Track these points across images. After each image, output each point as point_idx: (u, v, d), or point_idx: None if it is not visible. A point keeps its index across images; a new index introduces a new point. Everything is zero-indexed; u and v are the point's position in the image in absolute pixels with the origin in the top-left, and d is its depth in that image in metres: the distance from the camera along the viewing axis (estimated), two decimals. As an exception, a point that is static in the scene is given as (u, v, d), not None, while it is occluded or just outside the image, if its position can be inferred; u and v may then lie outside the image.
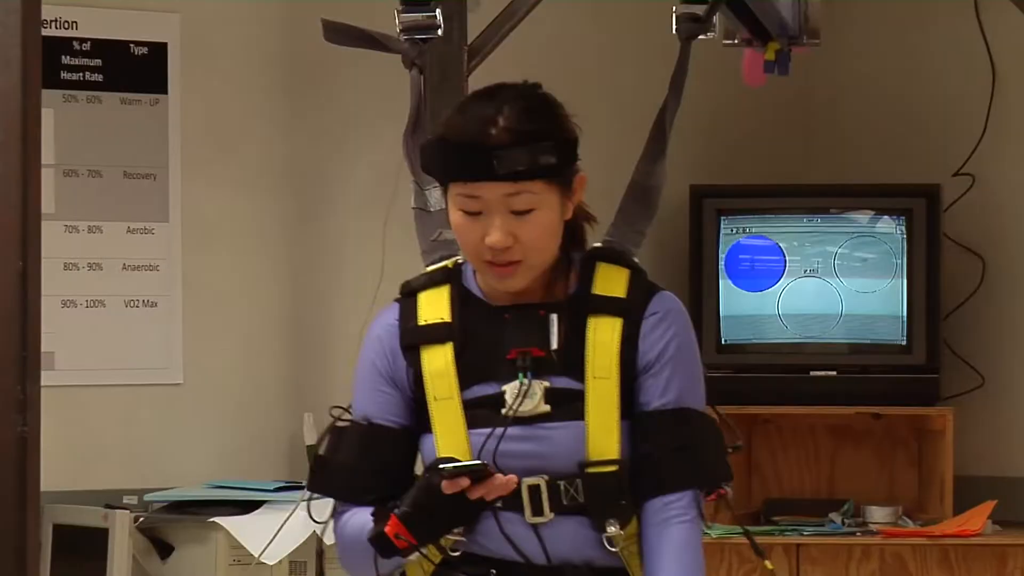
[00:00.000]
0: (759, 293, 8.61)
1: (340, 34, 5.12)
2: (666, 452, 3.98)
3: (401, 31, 4.89)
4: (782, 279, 8.62)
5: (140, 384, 7.78)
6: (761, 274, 8.62)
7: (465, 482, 3.82)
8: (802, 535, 8.37)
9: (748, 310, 8.58)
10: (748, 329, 8.58)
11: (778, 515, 8.52)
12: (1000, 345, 8.75)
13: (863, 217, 8.60)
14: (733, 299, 8.58)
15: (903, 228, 8.54)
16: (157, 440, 7.74)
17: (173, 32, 7.98)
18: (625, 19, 8.59)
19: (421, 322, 4.09)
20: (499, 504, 3.88)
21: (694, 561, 4.03)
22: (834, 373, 8.56)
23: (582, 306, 3.93)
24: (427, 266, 4.30)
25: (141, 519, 7.19)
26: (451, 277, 4.12)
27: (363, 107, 8.00)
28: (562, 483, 3.88)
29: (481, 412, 3.91)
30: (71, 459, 6.86)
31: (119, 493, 7.32)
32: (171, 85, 8.00)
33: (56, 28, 7.58)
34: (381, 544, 3.93)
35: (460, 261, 4.16)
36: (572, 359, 3.89)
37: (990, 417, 8.72)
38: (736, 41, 7.27)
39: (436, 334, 4.06)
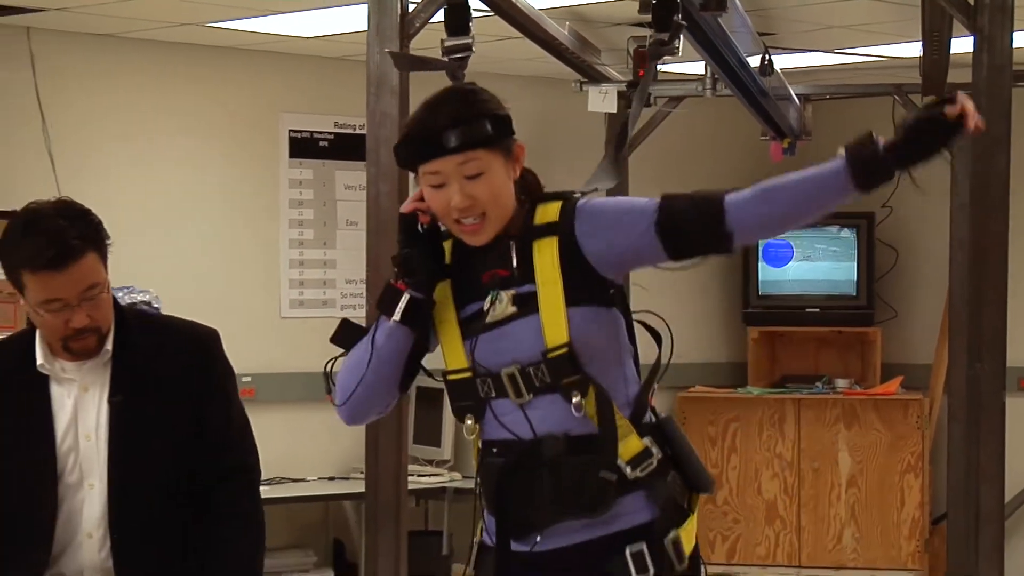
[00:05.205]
0: (780, 268, 8.54)
1: (406, 62, 4.13)
2: (693, 214, 2.88)
3: (444, 52, 4.00)
4: (792, 261, 8.54)
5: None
6: (781, 258, 8.55)
7: (415, 204, 2.92)
8: (801, 393, 8.29)
9: (774, 277, 8.51)
10: (774, 287, 8.51)
11: (789, 383, 8.45)
12: (904, 295, 8.65)
13: (834, 228, 8.49)
14: (766, 272, 8.51)
15: (855, 234, 8.45)
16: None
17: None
18: (711, 121, 8.56)
19: None
20: (493, 394, 2.91)
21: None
22: (818, 309, 8.47)
23: (528, 236, 2.89)
24: None
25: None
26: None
27: (557, 166, 8.01)
28: (531, 369, 2.85)
29: (473, 324, 2.90)
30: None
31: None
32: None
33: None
34: (386, 297, 2.92)
35: None
36: (527, 272, 2.86)
37: (899, 333, 8.61)
38: (767, 137, 7.23)
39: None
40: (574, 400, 2.83)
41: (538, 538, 2.87)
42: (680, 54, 4.09)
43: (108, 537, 3.11)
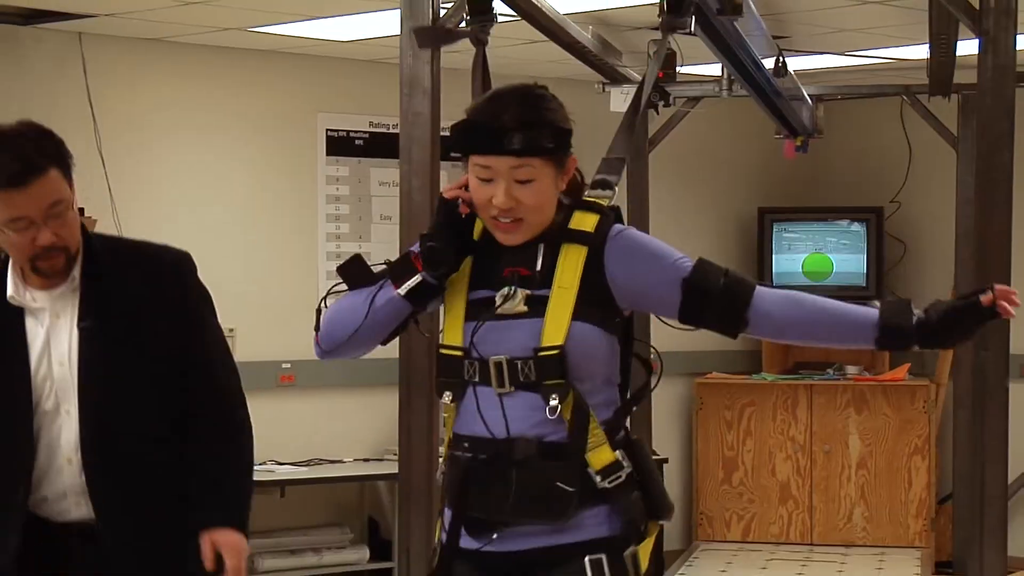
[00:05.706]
0: (793, 259, 8.52)
1: (429, 37, 4.01)
2: (723, 284, 2.80)
3: (467, 24, 3.87)
4: (804, 253, 8.52)
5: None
6: (794, 251, 8.52)
7: (458, 192, 2.80)
8: (813, 379, 8.27)
9: (787, 268, 8.46)
10: (787, 278, 8.44)
11: (801, 370, 8.43)
12: (912, 286, 8.61)
13: (844, 222, 8.47)
14: (780, 263, 8.47)
15: (864, 228, 8.42)
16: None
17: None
18: (727, 121, 8.53)
19: None
20: (476, 379, 2.78)
21: (799, 294, 2.86)
22: (830, 300, 8.47)
23: (559, 238, 2.80)
24: None
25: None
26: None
27: (580, 163, 8.01)
28: (519, 362, 2.73)
29: (479, 309, 2.78)
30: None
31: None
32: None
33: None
34: (400, 266, 2.83)
35: None
36: (548, 277, 2.78)
37: (908, 322, 8.60)
38: (781, 135, 7.21)
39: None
40: (551, 403, 2.71)
41: (494, 536, 2.75)
42: (696, 43, 4.09)
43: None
